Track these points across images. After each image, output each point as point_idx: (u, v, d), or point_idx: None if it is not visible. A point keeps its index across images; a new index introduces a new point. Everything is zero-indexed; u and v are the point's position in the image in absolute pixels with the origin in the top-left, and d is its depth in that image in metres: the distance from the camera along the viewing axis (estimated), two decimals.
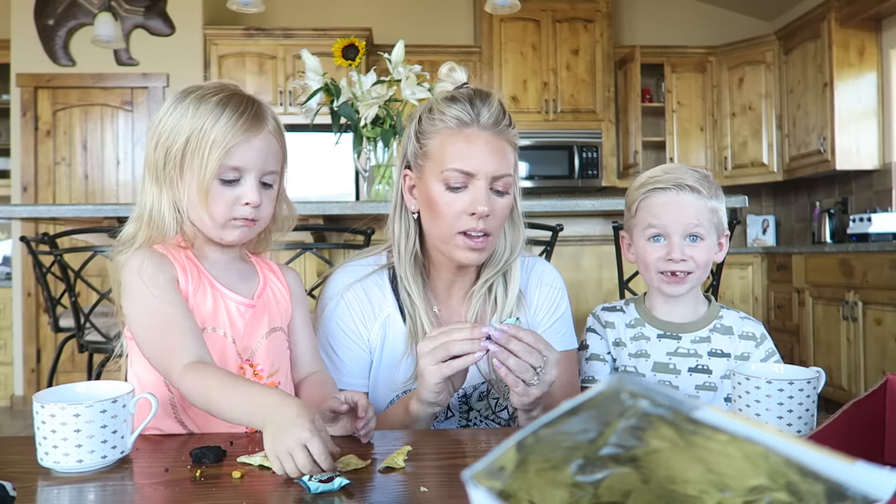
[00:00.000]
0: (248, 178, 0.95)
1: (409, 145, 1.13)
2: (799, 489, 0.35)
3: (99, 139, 4.42)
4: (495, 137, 1.07)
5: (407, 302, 1.13)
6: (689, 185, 1.11)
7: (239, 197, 0.95)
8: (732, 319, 1.18)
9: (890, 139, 4.17)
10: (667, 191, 1.12)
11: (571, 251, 2.41)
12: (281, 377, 1.03)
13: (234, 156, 0.94)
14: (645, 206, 1.15)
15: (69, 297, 2.02)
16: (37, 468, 0.78)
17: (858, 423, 0.68)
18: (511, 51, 4.83)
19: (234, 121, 0.94)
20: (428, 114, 1.10)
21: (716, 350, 1.15)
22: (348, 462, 0.78)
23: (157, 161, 0.96)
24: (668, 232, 1.12)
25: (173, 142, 0.95)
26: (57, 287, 2.67)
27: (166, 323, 0.90)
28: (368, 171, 2.36)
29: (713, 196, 1.14)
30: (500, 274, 1.16)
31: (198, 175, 0.93)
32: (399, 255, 1.14)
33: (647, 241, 1.15)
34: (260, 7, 3.26)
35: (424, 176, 1.09)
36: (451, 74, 1.20)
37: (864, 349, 3.50)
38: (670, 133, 5.00)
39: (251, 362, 0.99)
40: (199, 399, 0.85)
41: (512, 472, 0.37)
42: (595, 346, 1.21)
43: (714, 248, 1.15)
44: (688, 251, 1.12)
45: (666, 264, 1.12)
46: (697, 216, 1.11)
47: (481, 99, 1.08)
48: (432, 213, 1.08)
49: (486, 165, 1.05)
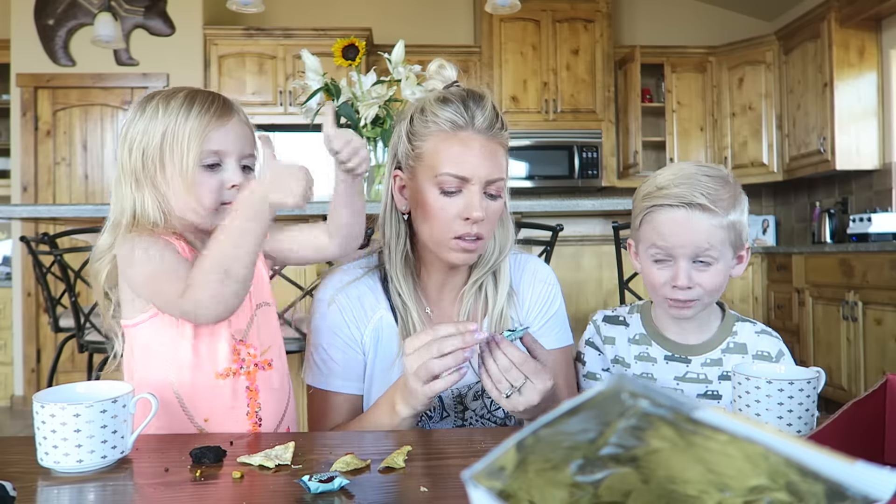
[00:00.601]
0: (229, 161, 0.98)
1: (400, 146, 1.12)
2: (799, 489, 0.35)
3: (99, 139, 4.42)
4: (489, 141, 1.06)
5: (398, 302, 1.12)
6: (701, 204, 0.97)
7: (223, 182, 0.97)
8: (747, 335, 1.07)
9: (890, 139, 4.17)
10: (674, 209, 0.98)
11: (571, 251, 2.41)
12: (273, 354, 1.04)
13: (212, 140, 0.96)
14: (650, 222, 1.02)
15: (69, 297, 2.02)
16: (37, 468, 0.78)
17: (858, 423, 0.68)
18: (511, 51, 4.83)
19: (205, 110, 0.97)
20: (420, 114, 1.09)
21: (727, 374, 1.05)
22: (348, 462, 0.78)
23: (134, 164, 0.98)
24: (675, 255, 1.00)
25: (149, 142, 0.97)
26: (57, 287, 2.67)
27: (165, 263, 0.92)
28: (368, 171, 2.36)
29: (731, 209, 0.99)
30: (490, 273, 1.16)
31: (180, 166, 0.95)
32: (390, 256, 1.13)
33: (651, 261, 1.03)
34: (260, 7, 3.26)
35: (416, 178, 1.08)
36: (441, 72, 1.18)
37: (864, 349, 3.50)
38: (670, 133, 5.00)
39: (245, 342, 1.01)
40: (207, 287, 0.87)
41: (512, 472, 0.37)
42: (592, 363, 1.16)
43: (728, 268, 1.02)
44: (696, 277, 1.00)
45: (672, 291, 1.01)
46: (709, 239, 0.98)
47: (475, 101, 1.07)
48: (425, 216, 1.08)
49: (481, 170, 1.04)
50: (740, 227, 1.01)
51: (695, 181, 0.98)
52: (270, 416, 1.02)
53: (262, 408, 1.01)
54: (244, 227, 0.88)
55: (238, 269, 0.87)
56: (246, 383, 1.00)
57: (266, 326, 1.04)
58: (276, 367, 1.04)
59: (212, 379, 0.98)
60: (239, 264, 0.87)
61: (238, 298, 0.89)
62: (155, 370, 0.98)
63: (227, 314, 0.91)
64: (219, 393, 0.98)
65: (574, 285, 2.39)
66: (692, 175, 1.00)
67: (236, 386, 0.99)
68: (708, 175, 1.00)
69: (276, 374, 1.04)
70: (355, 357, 1.12)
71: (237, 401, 0.99)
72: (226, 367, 0.98)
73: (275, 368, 1.04)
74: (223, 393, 0.98)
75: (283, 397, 1.06)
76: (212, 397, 0.98)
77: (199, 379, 0.97)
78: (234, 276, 0.87)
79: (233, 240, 0.88)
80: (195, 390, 0.97)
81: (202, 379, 0.97)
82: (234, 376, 0.99)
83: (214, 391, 0.98)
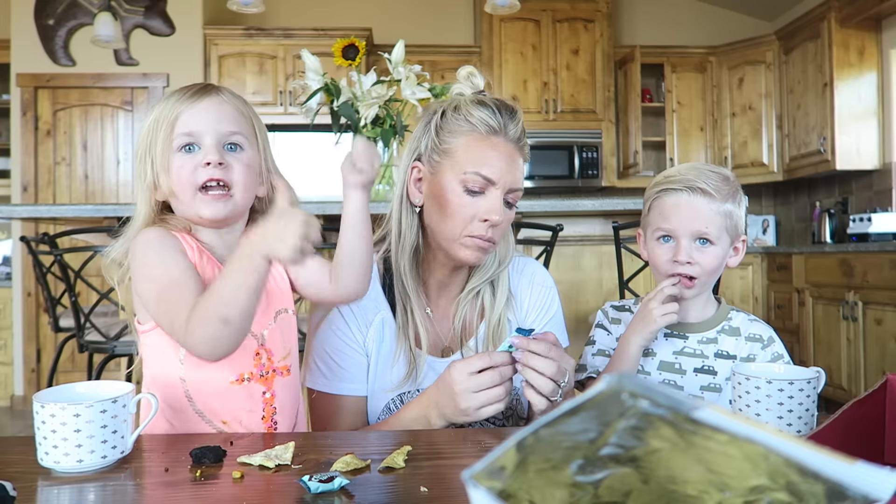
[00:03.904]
0: (205, 140, 0.95)
1: (425, 139, 1.12)
2: (799, 489, 0.35)
3: (99, 139, 4.42)
4: (517, 151, 1.11)
5: (402, 294, 1.13)
6: (701, 188, 1.10)
7: (199, 161, 0.95)
8: (741, 321, 1.17)
9: (890, 139, 4.17)
10: (678, 192, 1.11)
11: (571, 251, 2.41)
12: (291, 360, 1.04)
13: (182, 122, 0.95)
14: (656, 206, 1.15)
15: (69, 297, 2.02)
16: (37, 468, 0.78)
17: (858, 423, 0.68)
18: (511, 51, 4.83)
19: (178, 95, 0.97)
20: (454, 111, 1.10)
21: (722, 352, 1.14)
22: (348, 462, 0.78)
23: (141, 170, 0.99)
24: (677, 234, 1.12)
25: (141, 142, 0.98)
26: (57, 287, 2.67)
27: (173, 282, 0.89)
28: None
29: (729, 199, 1.11)
30: (489, 283, 1.18)
31: (159, 155, 0.95)
32: (400, 248, 1.13)
33: (656, 241, 1.15)
34: (260, 7, 3.26)
35: (439, 172, 1.09)
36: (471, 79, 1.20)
37: (864, 349, 3.50)
38: (670, 133, 5.00)
39: (264, 346, 1.00)
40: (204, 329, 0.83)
41: (512, 472, 0.37)
42: (602, 340, 1.22)
43: (726, 253, 1.13)
44: (695, 255, 1.11)
45: (672, 266, 1.12)
46: (707, 220, 1.10)
47: (507, 111, 1.10)
48: (443, 211, 1.08)
49: (507, 176, 1.07)
50: (737, 219, 1.13)
51: (700, 172, 1.12)
52: (286, 420, 1.02)
53: (277, 412, 1.01)
54: (237, 279, 0.83)
55: (235, 317, 0.83)
56: (262, 388, 0.99)
57: (285, 333, 1.04)
58: (293, 374, 1.04)
59: (226, 384, 0.97)
60: (236, 312, 0.83)
61: (236, 343, 0.86)
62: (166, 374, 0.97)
63: (226, 355, 0.88)
64: (234, 397, 0.98)
65: (574, 285, 2.39)
66: (699, 167, 1.13)
67: (252, 390, 0.99)
68: (712, 170, 1.13)
69: (292, 381, 1.04)
70: (359, 359, 1.12)
71: (254, 405, 0.99)
72: (240, 372, 0.98)
73: (292, 374, 1.04)
74: (239, 396, 0.98)
75: (297, 403, 1.06)
76: (228, 401, 0.97)
77: (213, 383, 0.97)
78: (233, 323, 0.83)
79: (229, 289, 0.83)
80: (210, 395, 0.97)
81: (216, 383, 0.97)
82: (250, 381, 0.98)
83: (229, 395, 0.97)
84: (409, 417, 1.03)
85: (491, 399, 0.95)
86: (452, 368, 0.97)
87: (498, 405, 0.96)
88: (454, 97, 1.14)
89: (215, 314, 0.82)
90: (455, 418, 0.98)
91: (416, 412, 1.03)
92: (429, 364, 1.12)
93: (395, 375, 1.11)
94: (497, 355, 0.96)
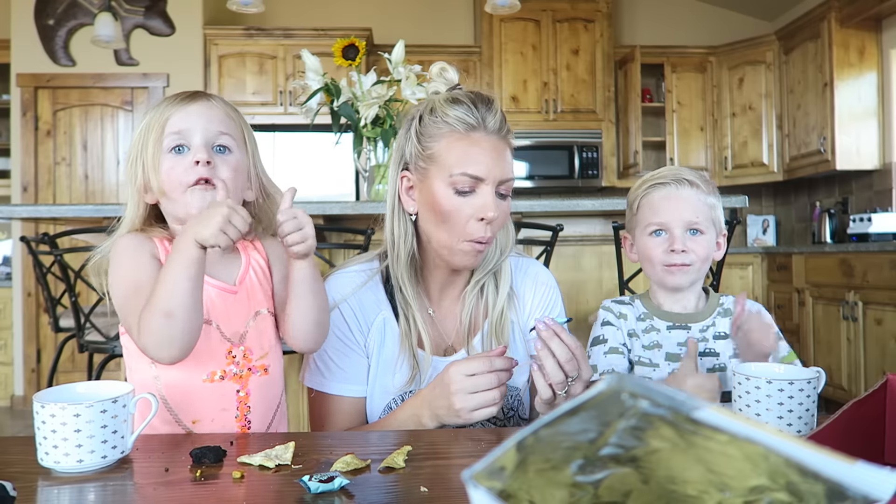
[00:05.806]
0: (194, 140, 0.98)
1: (409, 146, 1.11)
2: (799, 489, 0.35)
3: (99, 139, 4.42)
4: (499, 142, 1.08)
5: (402, 303, 1.12)
6: (688, 180, 1.18)
7: (189, 161, 0.97)
8: (731, 303, 1.23)
9: (890, 139, 4.17)
10: (667, 185, 1.18)
11: (571, 251, 2.41)
12: (271, 360, 1.04)
13: (172, 123, 0.98)
14: (646, 203, 1.20)
15: (69, 297, 2.02)
16: (37, 468, 0.78)
17: (858, 423, 0.68)
18: (511, 51, 4.83)
19: (170, 100, 1.00)
20: (430, 115, 1.09)
21: (719, 333, 1.21)
22: (348, 462, 0.78)
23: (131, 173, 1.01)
24: (670, 226, 1.18)
25: (132, 146, 1.01)
26: (57, 287, 2.67)
27: (138, 288, 0.93)
28: (368, 171, 2.36)
29: (711, 193, 1.20)
30: (492, 274, 1.17)
31: (150, 157, 0.98)
32: (397, 258, 1.13)
33: (649, 236, 1.20)
34: (260, 7, 3.26)
35: (428, 179, 1.08)
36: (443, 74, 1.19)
37: (864, 349, 3.50)
38: (670, 133, 5.00)
39: (241, 345, 1.01)
40: (150, 326, 0.87)
41: (512, 472, 0.37)
42: (613, 338, 1.23)
43: (713, 244, 1.20)
44: (689, 244, 1.17)
45: (668, 256, 1.17)
46: (696, 210, 1.17)
47: (483, 103, 1.08)
48: (438, 218, 1.07)
49: (494, 170, 1.06)
50: (718, 212, 1.21)
51: (680, 168, 1.22)
52: (259, 419, 1.03)
53: (251, 411, 1.01)
54: (175, 271, 0.87)
55: (177, 309, 0.86)
56: (236, 387, 1.00)
57: (264, 333, 1.04)
58: (271, 373, 1.05)
59: (199, 383, 0.98)
60: (177, 303, 0.86)
61: (184, 341, 0.88)
62: (141, 372, 0.99)
63: (184, 353, 0.89)
64: (206, 395, 0.98)
65: (574, 285, 2.39)
66: (679, 167, 1.23)
67: (224, 389, 0.99)
68: (691, 169, 1.23)
69: (270, 380, 1.04)
70: (359, 360, 1.12)
71: (227, 403, 0.99)
72: (211, 370, 0.99)
73: (270, 374, 1.04)
74: (210, 396, 0.99)
75: (274, 402, 1.06)
76: (199, 400, 0.98)
77: (186, 382, 0.98)
78: (176, 316, 0.86)
79: (169, 282, 0.87)
80: (182, 393, 0.98)
81: (189, 382, 0.98)
82: (224, 379, 0.99)
83: (202, 394, 0.98)
84: (402, 418, 1.04)
85: (486, 402, 0.95)
86: (451, 368, 0.97)
87: (492, 409, 0.96)
88: (429, 98, 1.13)
89: (157, 308, 0.86)
90: (447, 419, 0.98)
91: (408, 412, 1.03)
92: (432, 365, 1.12)
93: (399, 380, 1.11)
94: (497, 360, 0.96)
